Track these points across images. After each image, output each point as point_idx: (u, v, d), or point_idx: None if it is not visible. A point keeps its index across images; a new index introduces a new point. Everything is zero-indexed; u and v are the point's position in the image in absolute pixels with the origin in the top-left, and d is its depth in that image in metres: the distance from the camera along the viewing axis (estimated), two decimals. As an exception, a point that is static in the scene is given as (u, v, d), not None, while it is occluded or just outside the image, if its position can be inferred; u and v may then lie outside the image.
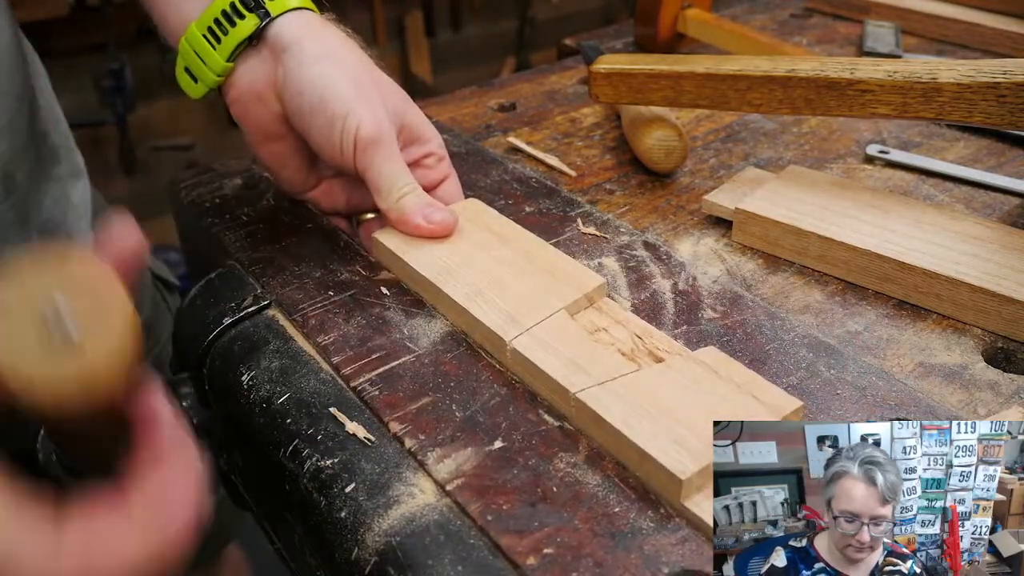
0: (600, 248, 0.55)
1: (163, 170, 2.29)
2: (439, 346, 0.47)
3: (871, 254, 0.51)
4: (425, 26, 2.68)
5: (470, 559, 0.35)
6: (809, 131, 0.71)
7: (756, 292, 0.51)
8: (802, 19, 0.96)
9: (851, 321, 0.49)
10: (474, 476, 0.39)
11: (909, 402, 0.43)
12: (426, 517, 0.37)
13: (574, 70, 0.84)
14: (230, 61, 0.51)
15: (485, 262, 0.50)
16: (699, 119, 0.73)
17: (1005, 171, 0.64)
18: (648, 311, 0.49)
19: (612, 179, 0.64)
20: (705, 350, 0.43)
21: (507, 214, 0.55)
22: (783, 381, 0.44)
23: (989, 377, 0.45)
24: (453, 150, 0.67)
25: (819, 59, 0.56)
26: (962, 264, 0.49)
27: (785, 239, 0.54)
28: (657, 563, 0.35)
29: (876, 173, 0.64)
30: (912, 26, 0.90)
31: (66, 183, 0.67)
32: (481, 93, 0.79)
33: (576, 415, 0.41)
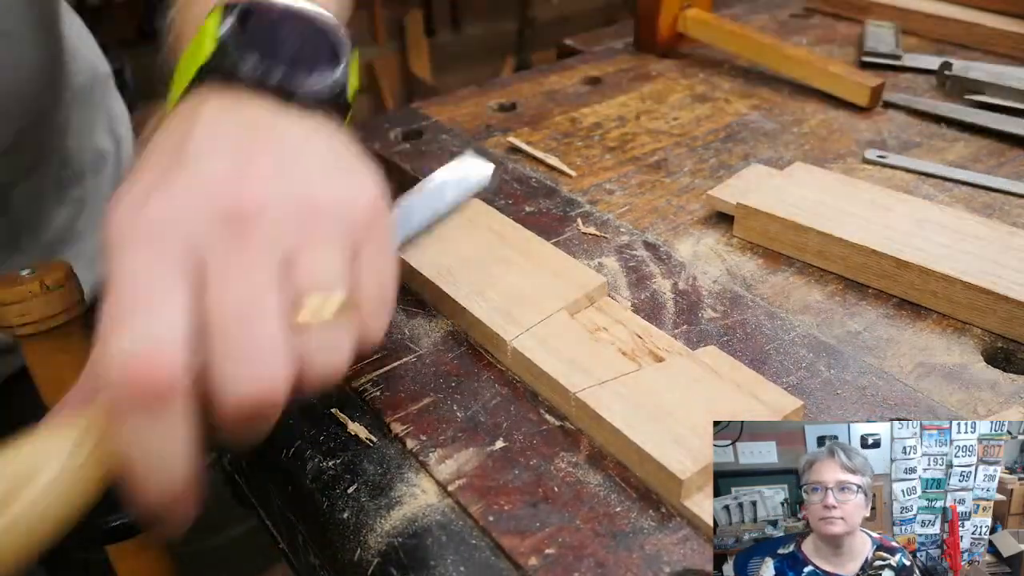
0: (600, 248, 0.55)
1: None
2: (440, 346, 0.47)
3: (868, 251, 0.51)
4: (425, 26, 2.68)
5: (472, 560, 0.35)
6: (809, 131, 0.71)
7: (756, 292, 0.52)
8: (802, 19, 0.96)
9: (851, 321, 0.49)
10: (475, 476, 0.39)
11: (909, 402, 0.43)
12: (428, 518, 0.37)
13: (574, 70, 0.84)
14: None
15: (485, 262, 0.50)
16: (699, 119, 0.73)
17: (1005, 171, 0.64)
18: (648, 311, 0.49)
19: (612, 179, 0.64)
20: (705, 350, 0.43)
21: (507, 214, 0.56)
22: (783, 381, 0.44)
23: (989, 377, 0.45)
24: (453, 150, 0.67)
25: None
26: (959, 262, 0.49)
27: (785, 235, 0.54)
28: (658, 563, 0.35)
29: (876, 173, 0.64)
30: (912, 26, 0.90)
31: (77, 208, 0.66)
32: (481, 93, 0.79)
33: (577, 415, 0.41)
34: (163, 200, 0.31)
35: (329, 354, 0.33)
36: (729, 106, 0.76)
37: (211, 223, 0.31)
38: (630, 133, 0.71)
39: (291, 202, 0.32)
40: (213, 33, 0.37)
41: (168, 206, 0.31)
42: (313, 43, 0.39)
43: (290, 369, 0.31)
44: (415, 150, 0.68)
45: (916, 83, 0.79)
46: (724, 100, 0.77)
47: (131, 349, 0.28)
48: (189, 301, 0.30)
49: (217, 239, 0.31)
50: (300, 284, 0.32)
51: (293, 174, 0.34)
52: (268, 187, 0.32)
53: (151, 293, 0.29)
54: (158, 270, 0.30)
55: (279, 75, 0.36)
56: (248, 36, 0.37)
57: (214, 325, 0.30)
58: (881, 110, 0.74)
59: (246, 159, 0.33)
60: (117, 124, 0.73)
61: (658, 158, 0.67)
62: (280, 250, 0.31)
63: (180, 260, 0.30)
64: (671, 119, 0.73)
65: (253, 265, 0.31)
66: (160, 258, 0.30)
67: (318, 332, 0.32)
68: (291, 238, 0.32)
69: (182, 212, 0.31)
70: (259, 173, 0.33)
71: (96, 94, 0.69)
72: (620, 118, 0.73)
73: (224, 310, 0.30)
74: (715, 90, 0.79)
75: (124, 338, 0.28)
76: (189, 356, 0.29)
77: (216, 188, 0.32)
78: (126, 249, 0.30)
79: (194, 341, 0.29)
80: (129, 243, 0.30)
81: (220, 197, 0.31)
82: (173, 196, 0.31)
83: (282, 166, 0.34)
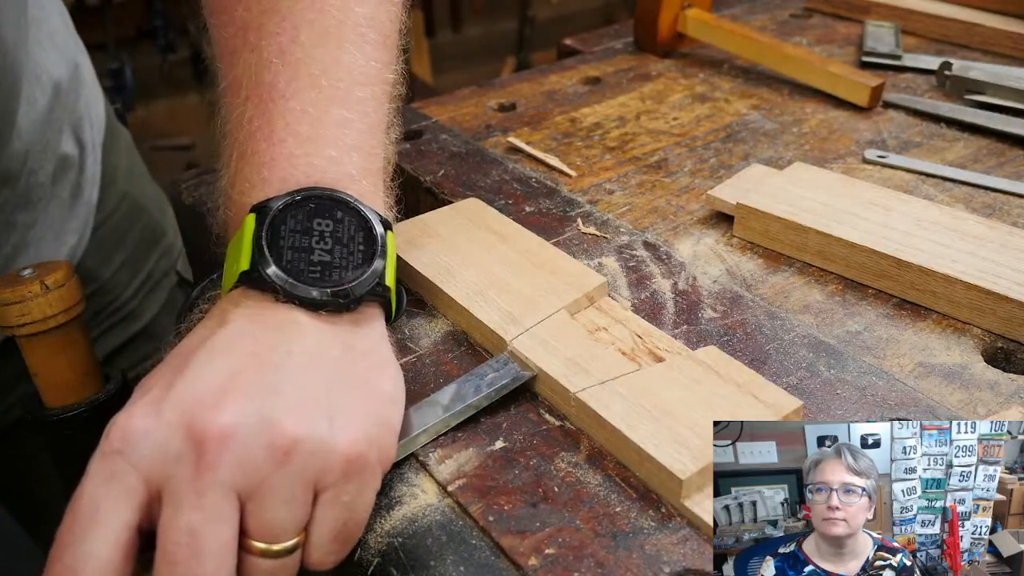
0: (600, 248, 0.55)
1: (163, 170, 2.29)
2: (440, 346, 0.47)
3: (868, 250, 0.51)
4: (425, 26, 2.68)
5: (472, 560, 0.35)
6: (809, 131, 0.71)
7: (756, 292, 0.52)
8: (802, 19, 0.96)
9: (851, 321, 0.49)
10: (475, 477, 0.39)
11: (909, 402, 0.43)
12: (428, 518, 0.37)
13: (574, 70, 0.84)
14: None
15: (485, 262, 0.50)
16: (699, 119, 0.73)
17: (1005, 171, 0.64)
18: (648, 311, 0.49)
19: (612, 179, 0.64)
20: (705, 350, 0.43)
21: (507, 214, 0.56)
22: (783, 381, 0.44)
23: (989, 377, 0.45)
24: (453, 150, 0.67)
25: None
26: (959, 262, 0.49)
27: (785, 235, 0.54)
28: (658, 563, 0.35)
29: (876, 173, 0.64)
30: (912, 26, 0.90)
31: (28, 229, 0.63)
32: (481, 93, 0.79)
33: (577, 415, 0.41)
34: (148, 414, 0.33)
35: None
36: (729, 106, 0.76)
37: (182, 442, 0.32)
38: (630, 133, 0.71)
39: (261, 436, 0.33)
40: (249, 245, 0.38)
41: (148, 423, 0.33)
42: (350, 241, 0.39)
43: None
44: (415, 150, 0.68)
45: (916, 83, 0.79)
46: (724, 100, 0.77)
47: (67, 565, 0.32)
48: (129, 523, 0.32)
49: (180, 463, 0.32)
50: (249, 527, 0.33)
51: (276, 402, 0.34)
52: (244, 413, 0.33)
53: (96, 515, 0.32)
54: (107, 492, 0.32)
55: (315, 290, 0.37)
56: (282, 249, 0.38)
57: (160, 548, 0.32)
58: (881, 110, 0.74)
59: (234, 379, 0.34)
60: (83, 129, 0.69)
61: (658, 158, 0.67)
62: (233, 485, 0.32)
63: (132, 486, 0.32)
64: (671, 119, 0.73)
65: (204, 494, 0.32)
66: (114, 481, 0.32)
67: (262, 561, 0.33)
68: (249, 476, 0.33)
69: (157, 431, 0.33)
70: (242, 393, 0.34)
71: (56, 112, 0.65)
72: (620, 118, 0.73)
73: (169, 535, 0.32)
74: (715, 90, 0.79)
75: (65, 555, 0.32)
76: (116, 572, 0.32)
77: (195, 408, 0.33)
78: (94, 462, 0.33)
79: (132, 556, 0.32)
80: (99, 457, 0.33)
81: (195, 418, 0.33)
82: (160, 412, 0.33)
83: (271, 390, 0.34)
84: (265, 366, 0.35)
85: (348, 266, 0.39)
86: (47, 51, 0.64)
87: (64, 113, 0.66)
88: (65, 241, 0.67)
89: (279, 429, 0.33)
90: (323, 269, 0.38)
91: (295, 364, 0.35)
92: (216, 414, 0.33)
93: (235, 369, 0.34)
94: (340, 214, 0.39)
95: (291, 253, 0.38)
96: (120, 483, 0.32)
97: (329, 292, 0.38)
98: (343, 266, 0.39)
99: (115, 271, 0.73)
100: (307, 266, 0.38)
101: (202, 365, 0.35)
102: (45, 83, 0.63)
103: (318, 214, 0.39)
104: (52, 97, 0.64)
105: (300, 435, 0.33)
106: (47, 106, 0.63)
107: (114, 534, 0.32)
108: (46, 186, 0.64)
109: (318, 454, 0.34)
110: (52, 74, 0.64)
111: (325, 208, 0.39)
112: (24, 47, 0.60)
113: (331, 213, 0.39)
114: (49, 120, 0.64)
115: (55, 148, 0.65)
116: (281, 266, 0.37)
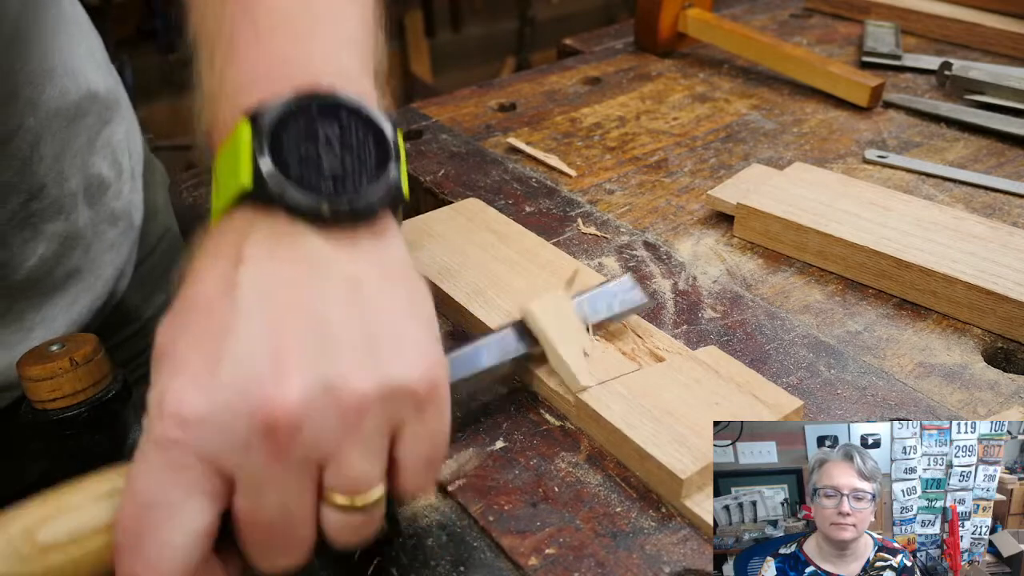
0: (600, 248, 0.55)
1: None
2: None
3: (868, 250, 0.51)
4: (425, 26, 2.68)
5: (472, 560, 0.35)
6: (809, 131, 0.71)
7: (756, 292, 0.52)
8: (802, 19, 0.96)
9: (851, 321, 0.49)
10: (476, 476, 0.39)
11: (909, 402, 0.43)
12: (428, 518, 0.37)
13: (574, 70, 0.84)
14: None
15: (485, 261, 0.50)
16: (699, 119, 0.73)
17: (1005, 171, 0.64)
18: (648, 311, 0.49)
19: (612, 179, 0.64)
20: (705, 349, 0.43)
21: (507, 214, 0.56)
22: (783, 381, 0.44)
23: (989, 377, 0.45)
24: (453, 150, 0.67)
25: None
26: (959, 262, 0.49)
27: (785, 235, 0.54)
28: (658, 563, 0.35)
29: (877, 173, 0.64)
30: (912, 26, 0.90)
31: (60, 244, 0.62)
32: (481, 93, 0.79)
33: (577, 414, 0.41)
34: (201, 396, 0.30)
35: (357, 531, 0.33)
36: (729, 106, 0.76)
37: (249, 430, 0.30)
38: (630, 133, 0.71)
39: (329, 408, 0.30)
40: (248, 158, 0.33)
41: (204, 407, 0.30)
42: (360, 146, 0.35)
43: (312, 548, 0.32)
44: (415, 150, 0.68)
45: (916, 83, 0.79)
46: (724, 100, 0.77)
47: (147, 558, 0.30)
48: (205, 510, 0.30)
49: (251, 451, 0.30)
50: (334, 484, 0.31)
51: (334, 360, 0.31)
52: (306, 386, 0.30)
53: (169, 507, 0.30)
54: (176, 482, 0.30)
55: (325, 203, 0.33)
56: (288, 160, 0.33)
57: (247, 530, 0.31)
58: (881, 110, 0.74)
59: (282, 340, 0.31)
60: (121, 154, 0.67)
61: (658, 158, 0.67)
62: (315, 459, 0.31)
63: (201, 476, 0.30)
64: (671, 119, 0.73)
65: (283, 476, 0.30)
66: (181, 471, 0.30)
67: (349, 514, 0.32)
68: (324, 447, 0.30)
69: (218, 417, 0.30)
70: (296, 359, 0.30)
71: (89, 118, 0.64)
72: (620, 118, 0.73)
73: (256, 518, 0.30)
74: (715, 90, 0.79)
75: (136, 562, 0.30)
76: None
77: (252, 388, 0.30)
78: (151, 450, 0.30)
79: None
80: (156, 446, 0.30)
81: (258, 402, 0.30)
82: (214, 393, 0.30)
83: (323, 345, 0.31)
84: (309, 316, 0.31)
85: (363, 175, 0.34)
86: (85, 60, 0.63)
87: (98, 124, 0.64)
88: (104, 271, 0.66)
89: (346, 393, 0.30)
90: (336, 180, 0.33)
91: (337, 303, 0.32)
92: (279, 393, 0.30)
93: (278, 327, 0.31)
94: (346, 116, 0.35)
95: (299, 164, 0.33)
96: (187, 474, 0.30)
97: (349, 206, 0.33)
98: (357, 175, 0.34)
99: (157, 311, 0.71)
100: (319, 178, 0.33)
101: (241, 327, 0.31)
102: (81, 83, 0.62)
103: (322, 117, 0.34)
104: (85, 98, 0.62)
105: (367, 391, 0.31)
106: (77, 103, 0.62)
107: (192, 524, 0.30)
108: (77, 198, 0.63)
109: (388, 400, 0.31)
110: (89, 78, 0.63)
111: (330, 111, 0.34)
112: (54, 39, 0.59)
113: (336, 116, 0.34)
114: (78, 117, 0.63)
115: (85, 159, 0.64)
116: (291, 180, 0.33)
